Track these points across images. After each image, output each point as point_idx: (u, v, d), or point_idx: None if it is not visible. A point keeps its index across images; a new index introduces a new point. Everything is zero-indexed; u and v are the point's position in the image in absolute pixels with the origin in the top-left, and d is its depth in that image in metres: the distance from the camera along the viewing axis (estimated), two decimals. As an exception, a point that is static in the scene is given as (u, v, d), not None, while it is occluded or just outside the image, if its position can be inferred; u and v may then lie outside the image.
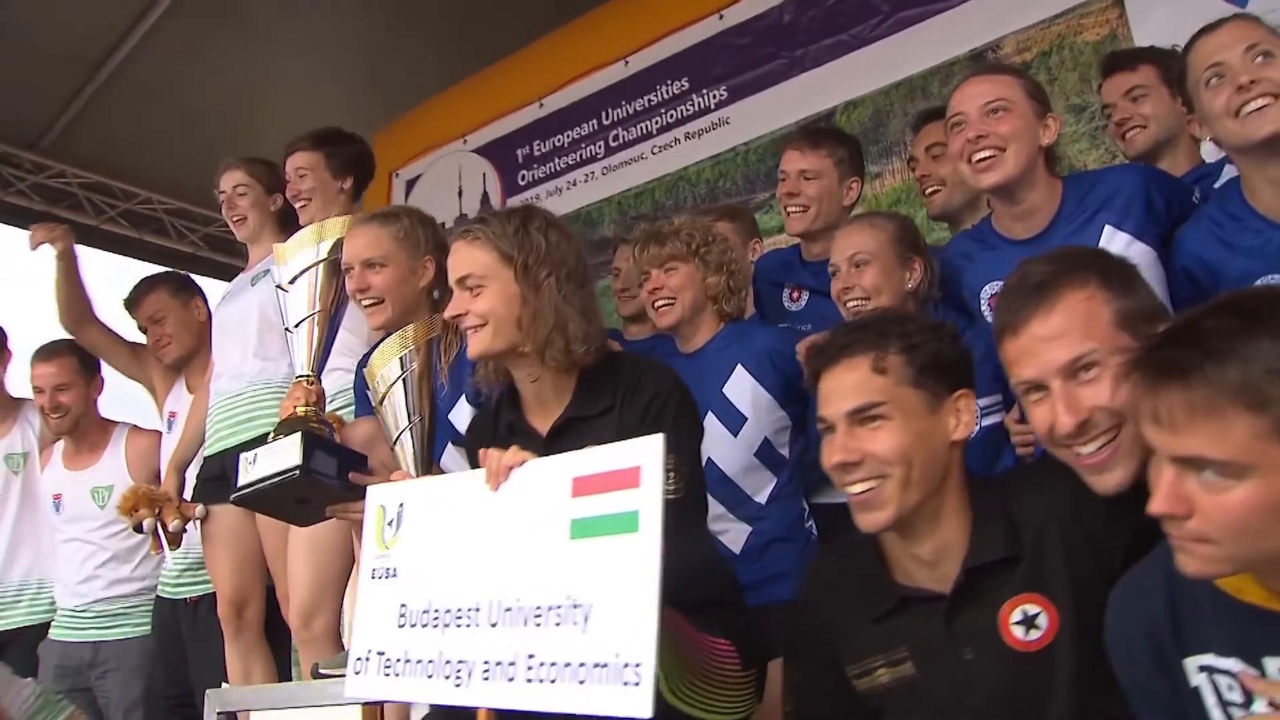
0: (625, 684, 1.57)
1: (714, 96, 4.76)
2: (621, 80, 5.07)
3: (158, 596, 3.84)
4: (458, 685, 1.82)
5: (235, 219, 3.64)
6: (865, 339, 1.76)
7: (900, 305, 2.61)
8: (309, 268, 2.59)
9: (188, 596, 3.70)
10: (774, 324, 3.21)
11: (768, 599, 2.55)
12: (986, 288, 2.50)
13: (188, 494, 3.54)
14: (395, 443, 2.29)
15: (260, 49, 5.81)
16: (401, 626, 1.96)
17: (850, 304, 2.63)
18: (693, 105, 4.82)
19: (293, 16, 5.53)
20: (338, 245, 2.61)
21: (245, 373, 3.47)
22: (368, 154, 3.58)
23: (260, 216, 3.64)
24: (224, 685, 3.46)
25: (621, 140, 5.04)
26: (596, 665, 1.61)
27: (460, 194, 5.45)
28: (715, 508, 2.66)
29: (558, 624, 1.69)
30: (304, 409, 2.59)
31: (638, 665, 1.56)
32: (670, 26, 4.92)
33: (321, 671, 2.57)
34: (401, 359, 2.29)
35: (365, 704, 2.17)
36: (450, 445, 2.81)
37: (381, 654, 1.98)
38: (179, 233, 7.46)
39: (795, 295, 3.30)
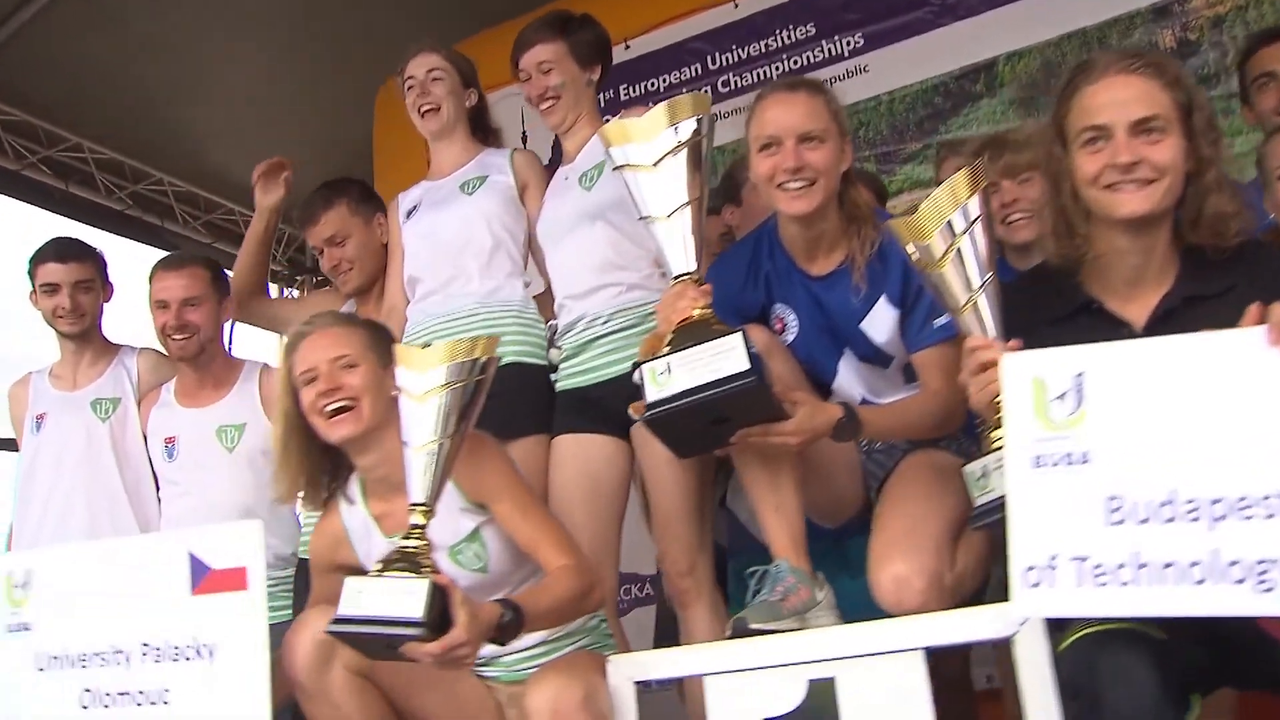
0: None
1: (848, 44, 4.47)
2: (731, 23, 4.70)
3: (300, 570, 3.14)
4: (1268, 590, 1.44)
5: (426, 107, 3.07)
6: None
7: None
8: (674, 149, 2.16)
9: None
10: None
11: None
12: None
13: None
14: (965, 307, 1.88)
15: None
16: (1118, 523, 1.55)
17: None
18: (822, 52, 4.51)
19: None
20: (697, 127, 2.18)
21: (470, 291, 2.92)
22: (607, 37, 3.08)
23: (456, 107, 3.10)
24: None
25: (734, 86, 4.66)
26: None
27: (524, 139, 4.89)
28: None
29: None
30: (700, 311, 2.14)
31: None
32: (788, -28, 4.61)
33: (753, 626, 2.08)
34: (952, 220, 1.88)
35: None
36: (854, 359, 2.41)
37: (1080, 559, 1.56)
38: (106, 188, 6.51)
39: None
